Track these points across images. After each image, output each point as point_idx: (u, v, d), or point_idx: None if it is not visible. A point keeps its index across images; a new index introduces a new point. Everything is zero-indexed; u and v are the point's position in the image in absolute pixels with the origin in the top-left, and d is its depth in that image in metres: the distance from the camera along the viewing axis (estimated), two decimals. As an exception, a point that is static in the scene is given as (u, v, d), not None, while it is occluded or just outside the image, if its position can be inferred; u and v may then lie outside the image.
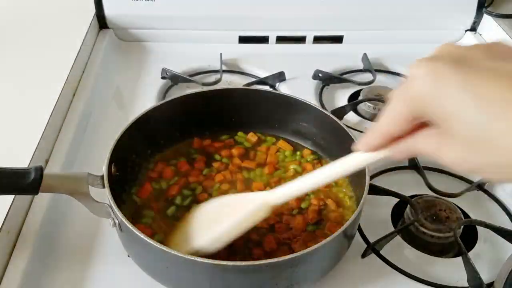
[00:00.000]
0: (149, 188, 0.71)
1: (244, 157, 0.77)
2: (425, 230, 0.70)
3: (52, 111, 0.80)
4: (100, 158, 0.63)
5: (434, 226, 0.70)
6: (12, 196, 0.64)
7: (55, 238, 0.68)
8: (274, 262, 0.53)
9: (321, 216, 0.68)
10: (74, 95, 0.91)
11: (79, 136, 0.84)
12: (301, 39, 1.16)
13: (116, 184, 0.62)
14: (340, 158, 0.77)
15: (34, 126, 0.76)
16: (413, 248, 0.70)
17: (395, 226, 0.73)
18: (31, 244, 0.64)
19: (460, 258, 0.67)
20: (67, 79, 0.88)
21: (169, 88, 1.00)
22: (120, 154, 0.65)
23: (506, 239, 0.70)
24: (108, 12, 1.09)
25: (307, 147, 0.79)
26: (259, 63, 1.07)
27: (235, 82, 1.03)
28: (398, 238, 0.71)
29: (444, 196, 0.75)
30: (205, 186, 0.72)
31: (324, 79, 1.02)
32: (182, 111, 0.76)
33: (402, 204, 0.75)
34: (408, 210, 0.73)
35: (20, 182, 0.57)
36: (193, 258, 0.52)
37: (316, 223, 0.67)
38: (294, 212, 0.68)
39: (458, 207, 0.74)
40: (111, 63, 1.05)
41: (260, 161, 0.76)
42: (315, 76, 1.02)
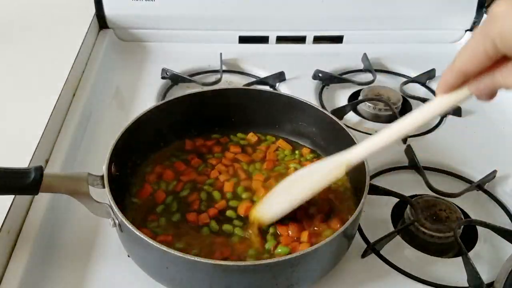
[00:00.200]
0: (149, 189, 0.70)
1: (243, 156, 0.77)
2: (425, 230, 0.70)
3: (52, 111, 0.80)
4: (100, 158, 0.63)
5: (434, 226, 0.70)
6: (12, 196, 0.64)
7: (55, 238, 0.68)
8: (274, 262, 0.53)
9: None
10: (74, 95, 0.91)
11: (79, 136, 0.84)
12: (301, 39, 1.16)
13: (116, 184, 0.62)
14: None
15: (34, 126, 0.76)
16: (413, 248, 0.70)
17: (395, 226, 0.73)
18: (31, 244, 0.64)
19: (460, 258, 0.67)
20: (67, 79, 0.88)
21: (169, 88, 1.00)
22: (120, 154, 0.65)
23: (506, 239, 0.70)
24: (108, 12, 1.09)
25: (306, 147, 0.79)
26: (259, 63, 1.07)
27: (235, 82, 1.03)
28: (398, 238, 0.71)
29: (444, 196, 0.75)
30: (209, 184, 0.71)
31: (324, 79, 1.02)
32: (182, 111, 0.76)
33: (402, 204, 0.75)
34: (408, 210, 0.73)
35: (20, 182, 0.57)
36: (193, 258, 0.52)
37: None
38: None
39: (458, 207, 0.74)
40: (111, 63, 1.05)
41: (259, 158, 0.76)
42: (315, 76, 1.02)
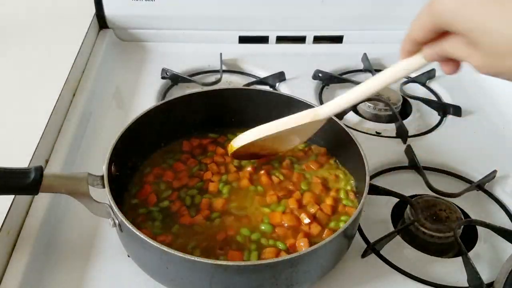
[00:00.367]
0: (148, 189, 0.70)
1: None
2: (425, 230, 0.70)
3: (52, 111, 0.80)
4: (100, 158, 0.63)
5: (434, 226, 0.70)
6: (12, 196, 0.64)
7: (55, 238, 0.68)
8: (274, 262, 0.53)
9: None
10: (74, 95, 0.91)
11: (79, 136, 0.84)
12: (301, 39, 1.16)
13: (116, 184, 0.62)
14: (340, 157, 0.77)
15: (34, 126, 0.76)
16: (413, 248, 0.70)
17: (395, 226, 0.73)
18: (31, 244, 0.64)
19: (460, 258, 0.67)
20: (67, 79, 0.88)
21: (169, 88, 1.00)
22: (120, 154, 0.65)
23: (506, 239, 0.70)
24: (108, 12, 1.09)
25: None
26: (259, 63, 1.07)
27: (235, 82, 1.03)
28: (398, 238, 0.71)
29: (444, 196, 0.75)
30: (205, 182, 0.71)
31: (324, 79, 1.02)
32: (182, 111, 0.76)
33: (402, 204, 0.75)
34: (408, 210, 0.73)
35: (20, 182, 0.57)
36: (193, 258, 0.52)
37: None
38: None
39: (458, 207, 0.74)
40: (111, 63, 1.05)
41: None
42: (315, 76, 1.02)
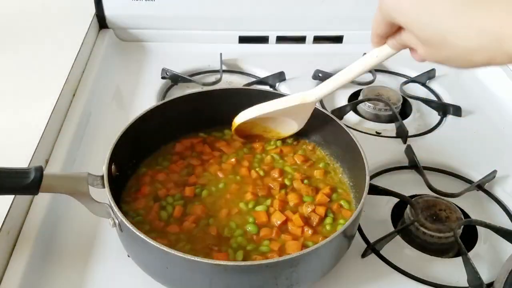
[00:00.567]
0: (146, 190, 0.70)
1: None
2: (425, 230, 0.70)
3: (52, 111, 0.80)
4: (100, 158, 0.63)
5: (434, 226, 0.70)
6: (12, 196, 0.64)
7: (55, 238, 0.68)
8: (274, 262, 0.53)
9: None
10: (74, 95, 0.91)
11: (79, 136, 0.84)
12: (301, 39, 1.16)
13: (116, 184, 0.62)
14: (339, 157, 0.77)
15: (34, 126, 0.76)
16: (413, 248, 0.70)
17: (395, 226, 0.73)
18: (31, 244, 0.64)
19: (460, 258, 0.67)
20: (67, 79, 0.88)
21: (169, 88, 1.00)
22: (120, 154, 0.65)
23: (506, 239, 0.70)
24: (108, 12, 1.09)
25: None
26: (259, 63, 1.07)
27: (235, 82, 1.03)
28: (398, 238, 0.71)
29: (444, 196, 0.75)
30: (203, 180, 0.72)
31: (324, 79, 1.01)
32: (182, 111, 0.76)
33: (402, 204, 0.75)
34: (408, 210, 0.73)
35: (20, 182, 0.57)
36: (193, 258, 0.52)
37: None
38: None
39: (458, 207, 0.74)
40: (111, 63, 1.05)
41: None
42: (315, 76, 1.02)
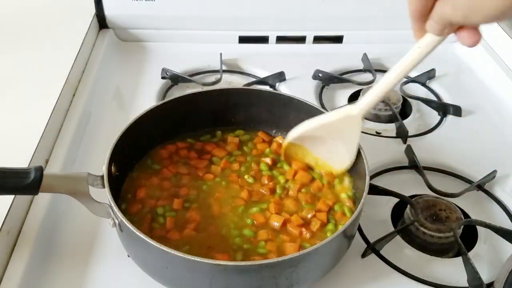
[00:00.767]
0: (142, 192, 0.69)
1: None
2: (425, 230, 0.70)
3: (52, 111, 0.80)
4: (100, 158, 0.63)
5: (434, 226, 0.70)
6: (12, 196, 0.64)
7: (55, 238, 0.68)
8: (274, 262, 0.53)
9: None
10: (74, 95, 0.91)
11: (79, 136, 0.84)
12: (301, 39, 1.16)
13: (116, 184, 0.62)
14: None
15: (34, 126, 0.76)
16: (413, 248, 0.70)
17: (395, 226, 0.73)
18: (31, 244, 0.64)
19: (460, 258, 0.67)
20: (67, 79, 0.88)
21: (169, 88, 1.00)
22: (120, 154, 0.65)
23: (506, 239, 0.70)
24: (108, 12, 1.09)
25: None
26: (259, 63, 1.07)
27: (235, 82, 1.03)
28: (398, 238, 0.71)
29: (444, 196, 0.75)
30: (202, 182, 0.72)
31: (324, 79, 1.02)
32: (182, 111, 0.76)
33: (402, 204, 0.75)
34: (408, 210, 0.73)
35: (20, 182, 0.57)
36: (193, 258, 0.52)
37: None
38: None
39: (458, 207, 0.74)
40: (111, 63, 1.05)
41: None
42: (315, 76, 1.02)
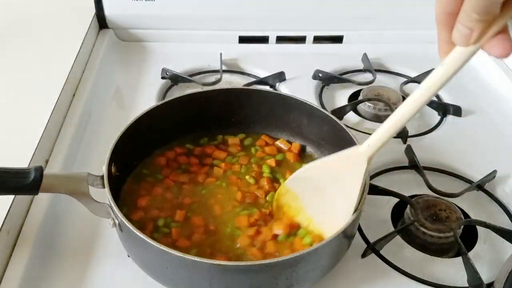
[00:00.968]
0: (142, 193, 0.69)
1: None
2: (425, 230, 0.70)
3: (52, 111, 0.80)
4: (100, 158, 0.63)
5: (434, 226, 0.70)
6: (12, 196, 0.64)
7: (55, 238, 0.68)
8: (274, 262, 0.53)
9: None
10: (74, 95, 0.91)
11: (79, 136, 0.84)
12: (301, 39, 1.16)
13: (116, 184, 0.62)
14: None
15: (34, 126, 0.76)
16: (413, 248, 0.70)
17: (395, 226, 0.73)
18: (31, 244, 0.64)
19: (460, 258, 0.67)
20: (67, 79, 0.88)
21: (169, 88, 1.00)
22: (120, 154, 0.65)
23: (506, 239, 0.70)
24: (108, 12, 1.09)
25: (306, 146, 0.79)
26: (259, 63, 1.07)
27: (235, 82, 1.03)
28: (398, 238, 0.71)
29: (444, 196, 0.75)
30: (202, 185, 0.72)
31: (324, 79, 1.02)
32: (182, 111, 0.76)
33: (402, 204, 0.75)
34: (408, 210, 0.73)
35: (20, 182, 0.57)
36: (193, 258, 0.52)
37: None
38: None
39: (458, 207, 0.74)
40: (111, 63, 1.05)
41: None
42: (315, 76, 1.02)
